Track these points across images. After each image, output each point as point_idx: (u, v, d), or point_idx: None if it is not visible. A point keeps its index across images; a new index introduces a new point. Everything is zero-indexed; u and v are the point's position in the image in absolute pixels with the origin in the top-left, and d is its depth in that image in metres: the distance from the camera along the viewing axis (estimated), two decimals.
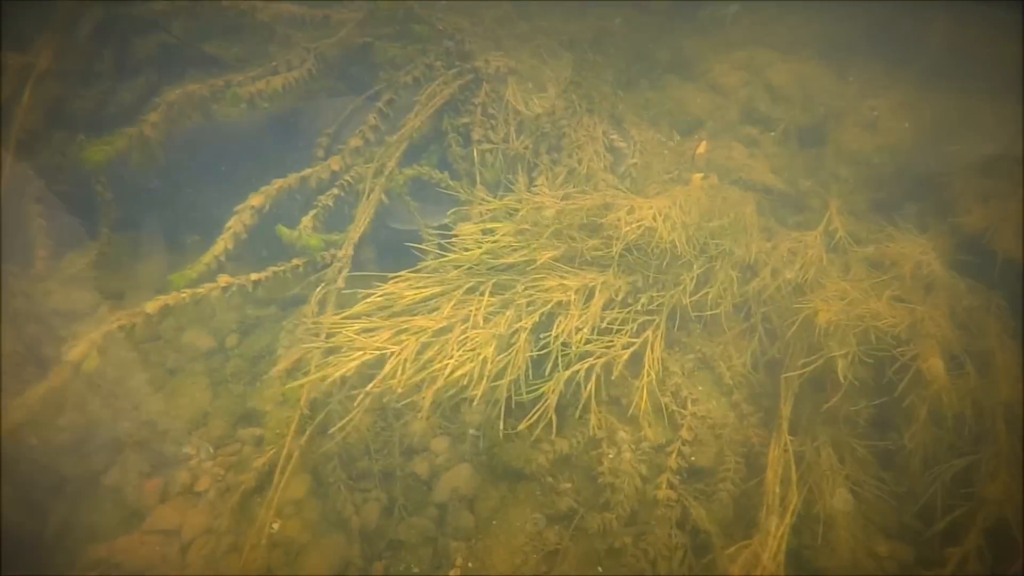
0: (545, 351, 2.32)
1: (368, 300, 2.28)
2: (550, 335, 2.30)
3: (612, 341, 2.46)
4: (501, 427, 2.39)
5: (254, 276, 2.47)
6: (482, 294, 2.37)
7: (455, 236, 2.42)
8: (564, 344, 2.29)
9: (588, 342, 2.39)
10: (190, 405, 3.15)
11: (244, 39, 3.28)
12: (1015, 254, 3.03)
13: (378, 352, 2.21)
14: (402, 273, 2.39)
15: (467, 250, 2.42)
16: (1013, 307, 2.91)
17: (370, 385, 2.16)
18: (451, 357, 2.18)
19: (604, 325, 2.48)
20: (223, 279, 2.34)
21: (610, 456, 2.64)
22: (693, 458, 2.65)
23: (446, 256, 2.46)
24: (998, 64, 4.17)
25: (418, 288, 2.32)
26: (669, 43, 4.78)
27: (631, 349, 2.53)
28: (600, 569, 2.48)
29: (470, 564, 2.53)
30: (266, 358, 3.26)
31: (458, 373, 2.15)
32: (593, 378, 2.34)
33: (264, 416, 2.78)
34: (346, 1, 3.36)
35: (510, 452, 2.59)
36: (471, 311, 2.32)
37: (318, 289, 2.53)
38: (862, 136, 4.02)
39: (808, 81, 4.30)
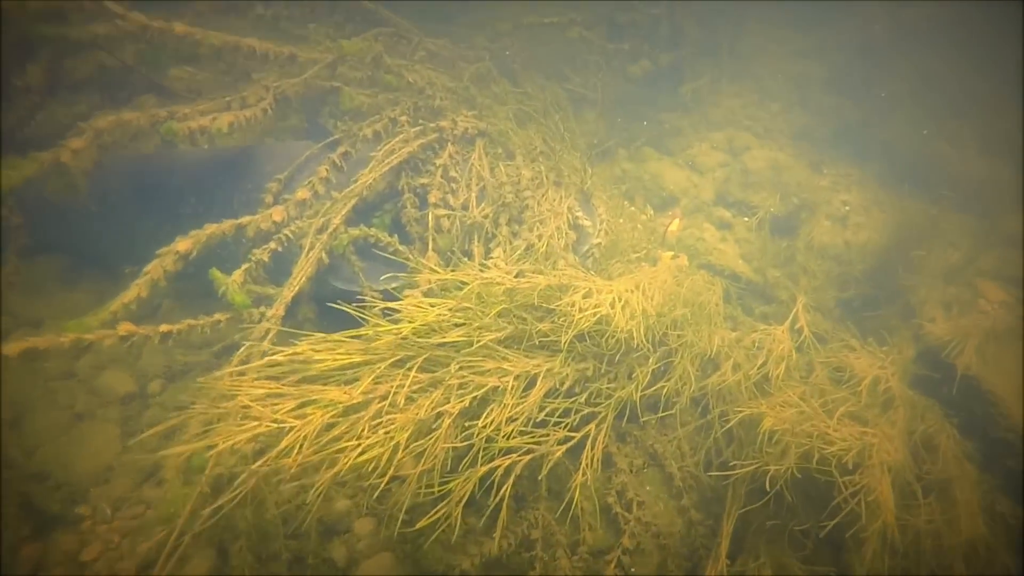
0: (468, 443, 2.12)
1: (273, 361, 2.07)
2: (476, 424, 2.10)
3: (547, 434, 2.27)
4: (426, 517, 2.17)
5: (164, 328, 2.23)
6: (410, 369, 2.17)
7: (393, 305, 2.22)
8: (489, 438, 2.09)
9: (521, 434, 2.19)
10: (94, 457, 2.85)
11: (202, 70, 3.12)
12: (975, 371, 2.96)
13: (276, 425, 1.99)
14: (316, 334, 2.18)
15: (408, 322, 2.23)
16: (971, 428, 2.82)
17: (257, 463, 1.93)
18: (359, 438, 1.97)
19: (543, 416, 2.29)
20: (123, 328, 2.11)
21: (544, 559, 2.42)
22: (633, 569, 2.44)
23: (380, 323, 2.26)
24: (961, 178, 4.26)
25: (336, 354, 2.11)
26: (650, 115, 4.78)
27: (568, 445, 2.34)
28: None
29: None
30: (189, 410, 3.01)
31: (363, 458, 1.93)
32: (511, 479, 2.14)
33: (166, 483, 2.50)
34: (316, 41, 3.24)
35: (435, 550, 2.35)
36: (393, 387, 2.11)
37: (241, 350, 2.30)
38: (833, 230, 4.00)
39: (784, 170, 4.30)
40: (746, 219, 4.07)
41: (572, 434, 2.37)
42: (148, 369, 3.18)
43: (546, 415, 2.29)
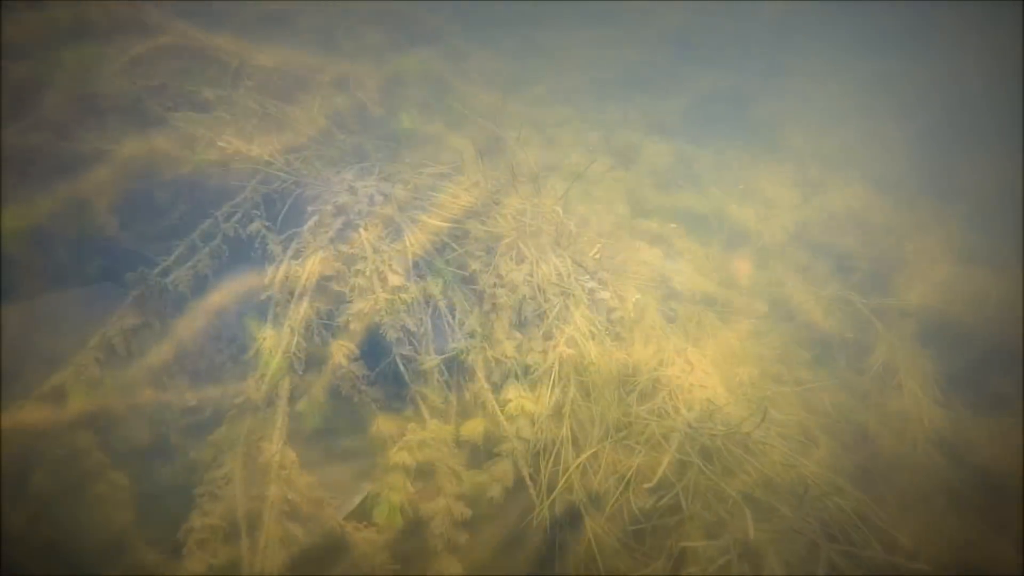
0: None
1: None
2: None
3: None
4: None
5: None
6: None
7: None
8: None
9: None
10: (104, 527, 2.50)
11: (244, 87, 2.78)
12: None
13: None
14: None
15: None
16: None
17: None
18: None
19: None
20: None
21: None
22: None
23: None
24: None
25: None
26: (715, 144, 4.40)
27: None
28: None
29: None
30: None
31: None
32: None
33: None
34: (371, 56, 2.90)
35: None
36: None
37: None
38: (923, 277, 3.60)
39: (863, 210, 3.91)
40: (827, 263, 3.69)
41: None
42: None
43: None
